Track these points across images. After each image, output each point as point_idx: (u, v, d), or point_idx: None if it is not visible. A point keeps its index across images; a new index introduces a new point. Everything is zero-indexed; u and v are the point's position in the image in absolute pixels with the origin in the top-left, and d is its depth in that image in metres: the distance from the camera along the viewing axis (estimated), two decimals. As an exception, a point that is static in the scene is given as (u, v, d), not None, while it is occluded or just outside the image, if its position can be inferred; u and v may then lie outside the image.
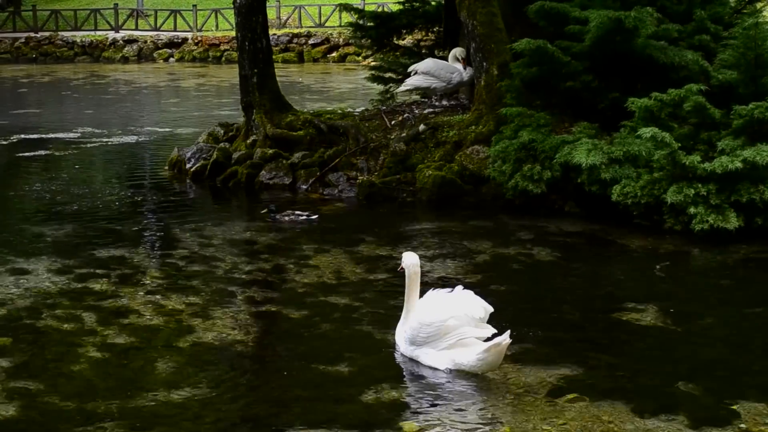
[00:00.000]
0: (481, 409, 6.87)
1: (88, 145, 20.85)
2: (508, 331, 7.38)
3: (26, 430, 6.71)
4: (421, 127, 15.15)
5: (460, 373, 7.50)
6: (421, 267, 10.43)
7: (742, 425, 6.59)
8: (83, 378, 7.60)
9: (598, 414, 6.76)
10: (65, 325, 8.78)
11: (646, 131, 11.80)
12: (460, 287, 7.89)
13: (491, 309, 7.68)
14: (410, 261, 8.03)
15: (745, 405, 6.89)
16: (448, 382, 7.39)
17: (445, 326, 7.52)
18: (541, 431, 6.56)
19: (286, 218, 12.95)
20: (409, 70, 16.71)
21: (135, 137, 22.18)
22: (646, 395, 7.09)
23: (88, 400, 7.10)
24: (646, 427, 6.58)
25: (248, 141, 16.37)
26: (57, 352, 8.17)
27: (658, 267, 10.58)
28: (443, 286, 9.79)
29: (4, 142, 21.24)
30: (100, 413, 6.86)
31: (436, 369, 7.56)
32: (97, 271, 10.58)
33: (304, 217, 12.99)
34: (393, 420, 6.77)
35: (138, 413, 6.87)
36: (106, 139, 21.71)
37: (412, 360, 7.79)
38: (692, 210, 11.50)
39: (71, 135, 22.44)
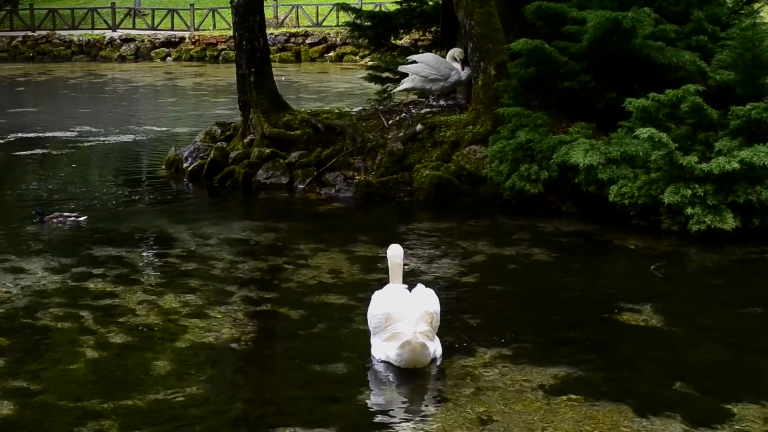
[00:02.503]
0: (477, 410, 6.87)
1: (85, 144, 20.86)
2: (416, 332, 7.45)
3: (23, 429, 6.69)
4: (419, 126, 15.15)
5: (458, 374, 7.52)
6: (418, 267, 10.52)
7: (739, 426, 6.59)
8: (80, 377, 7.59)
9: (594, 414, 6.76)
10: (62, 324, 8.78)
11: (644, 131, 11.80)
12: (421, 285, 8.03)
13: (432, 310, 7.71)
14: (391, 252, 8.17)
15: (742, 406, 6.89)
16: (445, 382, 7.39)
17: (387, 319, 7.67)
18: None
19: (54, 220, 12.81)
20: (408, 59, 16.71)
21: (132, 136, 22.18)
22: (643, 396, 7.09)
23: (85, 399, 7.10)
24: (643, 427, 6.58)
25: (245, 140, 16.36)
26: (54, 352, 8.16)
27: (652, 267, 10.56)
28: (441, 286, 9.84)
29: (1, 141, 21.24)
30: (96, 412, 6.86)
31: (430, 366, 7.59)
32: (94, 270, 10.58)
33: (72, 219, 12.86)
34: (389, 420, 6.77)
35: (134, 412, 6.86)
36: (103, 138, 21.71)
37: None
38: (689, 210, 11.51)
39: (68, 134, 22.45)
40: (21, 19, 55.00)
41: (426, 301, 7.80)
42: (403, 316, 7.64)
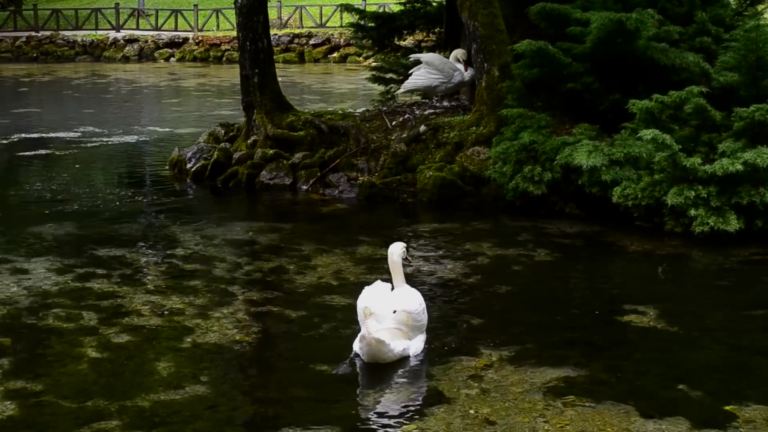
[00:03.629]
0: (480, 411, 6.87)
1: (89, 145, 20.87)
2: (368, 325, 7.65)
3: (26, 429, 6.70)
4: (422, 128, 15.15)
5: (461, 375, 7.52)
6: (422, 268, 10.52)
7: (743, 428, 6.58)
8: (83, 378, 7.60)
9: (596, 416, 6.76)
10: (65, 325, 8.78)
11: (647, 133, 11.80)
12: (406, 285, 8.16)
13: (406, 309, 7.85)
14: (389, 251, 8.33)
15: (744, 407, 6.89)
16: (448, 383, 7.39)
17: (363, 314, 7.95)
18: (541, 433, 6.58)
19: None
20: (412, 57, 16.73)
21: (135, 137, 22.19)
22: (646, 397, 7.09)
23: (88, 399, 7.10)
24: (645, 429, 6.57)
25: (249, 141, 16.37)
26: (57, 352, 8.17)
27: (660, 270, 10.55)
28: (445, 287, 9.85)
29: (5, 141, 21.25)
30: (99, 413, 6.86)
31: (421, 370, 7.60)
32: (98, 270, 10.59)
33: None
34: (391, 421, 6.77)
35: (138, 413, 6.87)
36: (107, 139, 21.72)
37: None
38: (693, 212, 11.50)
39: (72, 134, 22.46)
40: (25, 19, 55.03)
41: (402, 301, 7.92)
42: (375, 312, 7.86)
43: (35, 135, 22.32)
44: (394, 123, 16.12)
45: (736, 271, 10.76)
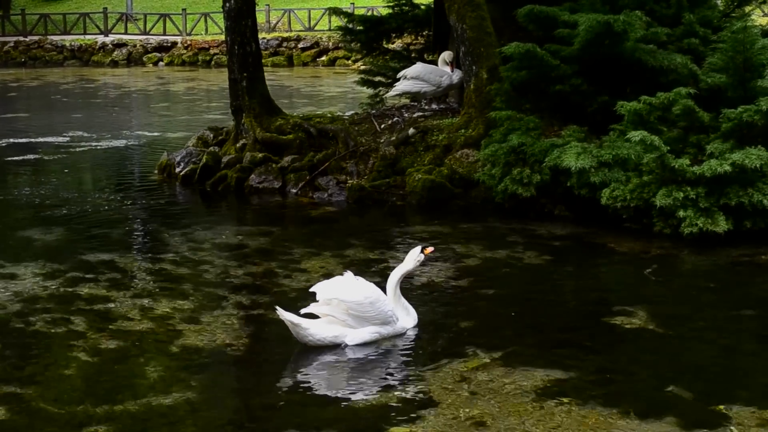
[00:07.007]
0: (470, 413, 6.87)
1: (78, 150, 20.82)
2: (281, 310, 8.17)
3: (15, 435, 6.69)
4: (411, 130, 15.16)
5: (451, 377, 7.52)
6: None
7: (732, 428, 6.60)
8: (72, 382, 7.58)
9: (586, 417, 6.77)
10: (54, 330, 8.76)
11: (636, 135, 11.82)
12: (361, 279, 8.47)
13: (346, 299, 8.19)
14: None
15: (734, 408, 6.90)
16: (438, 386, 7.39)
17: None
18: (531, 434, 6.58)
19: None
20: (398, 75, 16.73)
21: (124, 141, 22.15)
22: (636, 398, 7.09)
23: (77, 404, 7.08)
24: (635, 430, 6.58)
25: (238, 145, 16.35)
26: (46, 357, 8.15)
27: (648, 271, 10.59)
28: (434, 290, 9.86)
29: (-7, 146, 21.20)
30: (89, 417, 6.84)
31: (417, 372, 7.60)
32: (87, 275, 10.56)
33: None
34: (382, 423, 6.76)
35: (127, 417, 6.85)
36: (96, 143, 21.67)
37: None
38: (681, 213, 11.52)
39: (60, 139, 22.40)
40: (12, 24, 54.90)
41: (343, 290, 8.24)
42: (318, 299, 8.28)
43: (24, 140, 22.26)
44: (382, 126, 16.13)
45: (725, 272, 10.77)
